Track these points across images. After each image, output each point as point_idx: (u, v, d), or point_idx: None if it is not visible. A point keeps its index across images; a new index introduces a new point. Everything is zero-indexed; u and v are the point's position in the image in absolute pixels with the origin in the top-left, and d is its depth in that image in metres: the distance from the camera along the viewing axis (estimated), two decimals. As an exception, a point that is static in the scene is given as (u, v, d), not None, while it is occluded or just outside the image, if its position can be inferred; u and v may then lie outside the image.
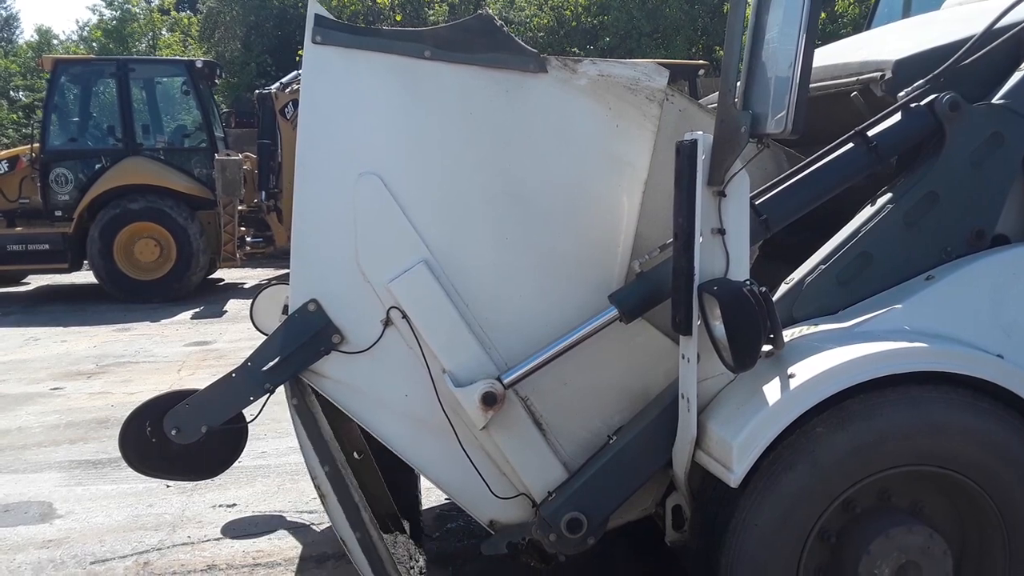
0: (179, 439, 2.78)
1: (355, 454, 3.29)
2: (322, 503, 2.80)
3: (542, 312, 2.71)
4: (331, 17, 2.68)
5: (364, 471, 3.27)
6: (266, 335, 2.92)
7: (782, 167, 2.96)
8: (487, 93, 2.69)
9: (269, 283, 3.52)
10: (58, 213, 11.35)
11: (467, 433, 2.71)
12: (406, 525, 3.60)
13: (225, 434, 2.96)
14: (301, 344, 2.70)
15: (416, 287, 2.66)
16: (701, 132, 2.42)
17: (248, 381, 2.73)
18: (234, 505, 4.47)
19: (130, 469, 3.05)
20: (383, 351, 2.72)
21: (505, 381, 2.61)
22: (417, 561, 3.38)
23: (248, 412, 2.85)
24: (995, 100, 2.62)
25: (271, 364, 2.71)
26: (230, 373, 2.77)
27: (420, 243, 2.68)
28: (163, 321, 9.93)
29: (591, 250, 2.73)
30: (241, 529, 4.18)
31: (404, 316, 2.67)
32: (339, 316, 2.70)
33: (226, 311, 10.61)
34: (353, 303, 2.71)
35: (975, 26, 2.70)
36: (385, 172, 2.68)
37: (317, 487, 2.78)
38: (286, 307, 2.98)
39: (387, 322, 2.70)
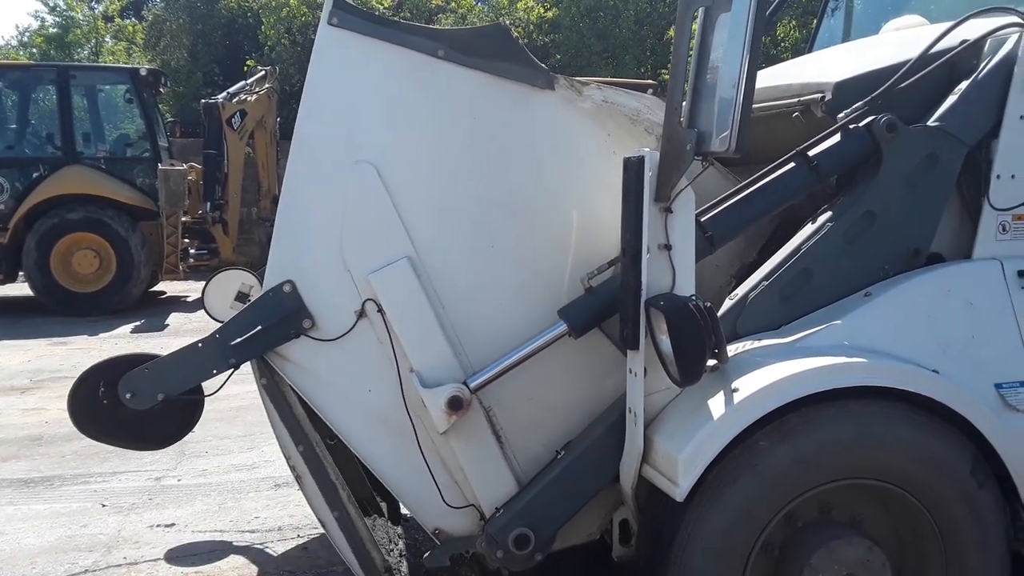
0: (133, 404, 2.68)
1: (327, 439, 3.23)
2: (299, 485, 2.74)
3: (517, 324, 2.70)
4: (350, 1, 2.66)
5: (337, 454, 3.17)
6: (219, 321, 2.86)
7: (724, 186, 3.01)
8: (493, 101, 2.71)
9: (223, 268, 3.44)
10: (-8, 223, 11.02)
11: (426, 436, 2.69)
12: (384, 508, 3.52)
13: (179, 406, 2.85)
14: (271, 324, 2.65)
15: (396, 282, 2.64)
16: (648, 149, 2.45)
17: (214, 353, 2.67)
18: (173, 525, 4.34)
19: (64, 488, 2.95)
20: (352, 343, 2.69)
21: (471, 385, 2.59)
22: (396, 544, 3.31)
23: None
24: (931, 122, 2.71)
25: (239, 340, 2.65)
26: (196, 343, 2.69)
27: (406, 239, 2.67)
28: (102, 335, 9.65)
29: (574, 268, 2.73)
30: (181, 550, 4.06)
31: (379, 310, 2.65)
32: (313, 301, 2.68)
33: (168, 324, 10.35)
34: (329, 290, 2.68)
35: (912, 50, 2.79)
36: (382, 163, 2.67)
37: (292, 468, 2.72)
38: (239, 293, 2.92)
39: (361, 314, 2.67)
